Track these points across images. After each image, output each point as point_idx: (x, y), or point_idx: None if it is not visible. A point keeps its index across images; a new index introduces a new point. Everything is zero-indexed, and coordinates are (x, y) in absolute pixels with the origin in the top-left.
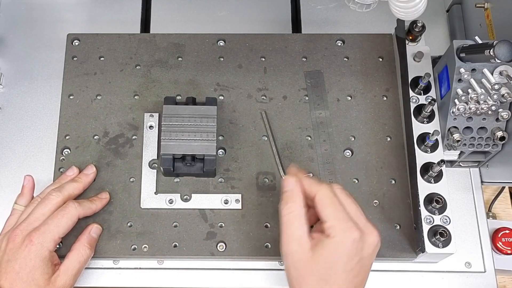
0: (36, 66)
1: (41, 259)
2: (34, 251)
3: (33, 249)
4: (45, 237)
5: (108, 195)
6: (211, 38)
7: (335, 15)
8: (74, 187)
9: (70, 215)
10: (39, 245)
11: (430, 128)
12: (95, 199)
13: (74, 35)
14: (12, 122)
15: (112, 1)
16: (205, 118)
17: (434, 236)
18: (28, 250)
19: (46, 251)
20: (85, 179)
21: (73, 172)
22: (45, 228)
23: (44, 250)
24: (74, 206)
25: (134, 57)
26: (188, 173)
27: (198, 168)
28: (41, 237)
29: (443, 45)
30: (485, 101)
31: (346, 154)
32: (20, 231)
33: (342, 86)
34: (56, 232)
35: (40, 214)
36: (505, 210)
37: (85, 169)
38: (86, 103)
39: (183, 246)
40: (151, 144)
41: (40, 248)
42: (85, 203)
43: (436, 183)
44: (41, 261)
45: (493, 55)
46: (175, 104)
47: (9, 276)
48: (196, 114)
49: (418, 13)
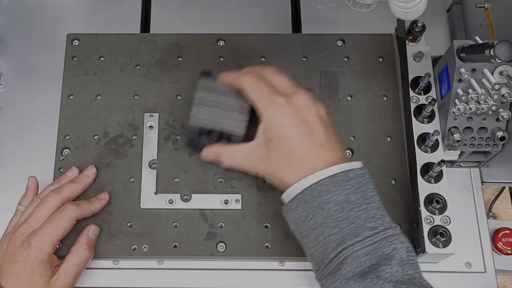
0: (36, 66)
1: (40, 262)
2: (33, 254)
3: (31, 253)
4: (43, 241)
5: (108, 196)
6: (211, 38)
7: (335, 15)
8: (73, 189)
9: (68, 218)
10: (37, 249)
11: (430, 128)
12: (94, 200)
13: (74, 35)
14: (12, 122)
15: (112, 1)
16: (239, 98)
17: (435, 236)
18: (27, 254)
19: (44, 254)
20: (85, 180)
21: (73, 172)
22: (43, 232)
23: (43, 254)
24: (72, 208)
25: (134, 57)
26: None
27: None
28: (39, 241)
29: (443, 45)
30: (486, 101)
31: (346, 154)
32: (19, 234)
33: (342, 86)
34: (54, 235)
35: (38, 216)
36: (505, 210)
37: (85, 170)
38: (86, 103)
39: (183, 246)
40: (151, 144)
41: (38, 251)
42: (84, 204)
43: (436, 183)
44: (40, 264)
45: (494, 55)
46: (212, 79)
47: (9, 278)
48: (230, 92)
49: (418, 13)
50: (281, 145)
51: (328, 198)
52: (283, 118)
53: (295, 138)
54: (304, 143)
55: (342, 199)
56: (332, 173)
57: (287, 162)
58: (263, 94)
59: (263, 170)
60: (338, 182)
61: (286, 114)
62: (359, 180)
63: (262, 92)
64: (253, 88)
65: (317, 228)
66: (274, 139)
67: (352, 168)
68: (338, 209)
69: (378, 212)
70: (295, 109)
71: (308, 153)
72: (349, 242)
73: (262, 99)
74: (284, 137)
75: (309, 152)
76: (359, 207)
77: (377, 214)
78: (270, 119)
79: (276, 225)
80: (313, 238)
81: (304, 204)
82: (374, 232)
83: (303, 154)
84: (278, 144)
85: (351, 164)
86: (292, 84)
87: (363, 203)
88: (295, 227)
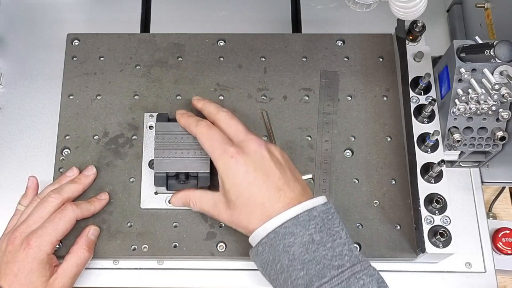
0: (36, 66)
1: (39, 262)
2: (32, 254)
3: (30, 252)
4: (42, 241)
5: (108, 196)
6: (211, 38)
7: (335, 15)
8: (73, 189)
9: (68, 218)
10: (36, 248)
11: (430, 128)
12: (93, 200)
13: (74, 35)
14: (12, 122)
15: (112, 1)
16: None
17: (435, 236)
18: (26, 253)
19: (43, 254)
20: (85, 181)
21: (73, 173)
22: (43, 232)
23: (42, 254)
24: (71, 208)
25: (134, 57)
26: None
27: (192, 185)
28: (39, 241)
29: (443, 45)
30: (486, 101)
31: (346, 154)
32: (19, 234)
33: (342, 86)
34: (54, 235)
35: (38, 216)
36: (505, 210)
37: (85, 170)
38: (86, 103)
39: (183, 246)
40: (151, 144)
41: (37, 251)
42: (83, 204)
43: (436, 183)
44: (39, 264)
45: (494, 55)
46: (167, 121)
47: (8, 278)
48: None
49: (418, 13)
50: (239, 195)
51: (292, 240)
52: (236, 168)
53: (251, 186)
54: (262, 190)
55: (307, 239)
56: (294, 214)
57: (249, 210)
58: (215, 143)
59: (227, 220)
60: (301, 222)
61: (238, 163)
62: (322, 217)
63: (214, 142)
64: (206, 137)
65: (284, 271)
66: (231, 190)
67: (315, 206)
68: (303, 250)
69: (344, 248)
70: (248, 157)
71: (267, 199)
72: (316, 284)
73: (215, 150)
74: (241, 186)
75: (268, 197)
76: (325, 245)
77: (343, 250)
78: (224, 170)
79: None
80: (281, 282)
81: (269, 248)
82: (340, 270)
83: (263, 200)
84: (237, 195)
85: (313, 201)
86: (244, 130)
87: (328, 241)
88: (264, 271)
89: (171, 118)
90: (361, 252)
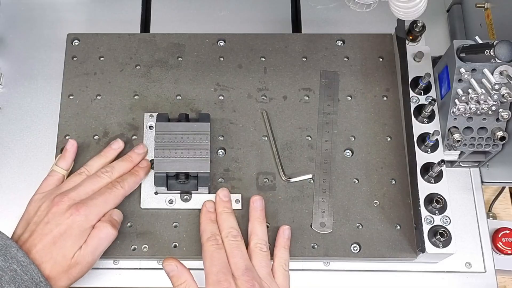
0: (36, 66)
1: (81, 230)
2: (78, 221)
3: (77, 219)
4: (91, 211)
5: (149, 162)
6: (211, 38)
7: (335, 15)
8: (124, 168)
9: (117, 195)
10: (84, 217)
11: (430, 128)
12: (137, 170)
13: (74, 35)
14: (12, 122)
15: (112, 1)
16: (198, 135)
17: (434, 236)
18: (73, 219)
19: (88, 224)
20: (136, 158)
21: (119, 145)
22: (93, 203)
23: (87, 223)
24: (120, 186)
25: (134, 57)
26: (182, 190)
27: (192, 185)
28: (88, 210)
29: (443, 45)
30: (486, 101)
31: (346, 154)
32: (67, 199)
33: (342, 86)
34: (102, 208)
35: (90, 189)
36: (505, 210)
37: (136, 148)
38: (86, 103)
39: (183, 246)
40: (151, 144)
41: (84, 219)
42: (130, 178)
43: (436, 183)
44: (81, 232)
45: (493, 55)
46: (167, 121)
47: (44, 238)
48: (189, 131)
49: (418, 13)
50: None
51: None
52: None
53: None
54: None
55: None
56: None
57: None
58: (214, 269)
59: None
60: None
61: None
62: None
63: (213, 267)
64: (209, 258)
65: None
66: None
67: None
68: None
69: None
70: None
71: None
72: None
73: (211, 275)
74: None
75: None
76: None
77: None
78: None
79: (276, 225)
80: None
81: None
82: None
83: None
84: None
85: None
86: (246, 264)
87: None
88: None
89: (171, 118)
90: (361, 252)
